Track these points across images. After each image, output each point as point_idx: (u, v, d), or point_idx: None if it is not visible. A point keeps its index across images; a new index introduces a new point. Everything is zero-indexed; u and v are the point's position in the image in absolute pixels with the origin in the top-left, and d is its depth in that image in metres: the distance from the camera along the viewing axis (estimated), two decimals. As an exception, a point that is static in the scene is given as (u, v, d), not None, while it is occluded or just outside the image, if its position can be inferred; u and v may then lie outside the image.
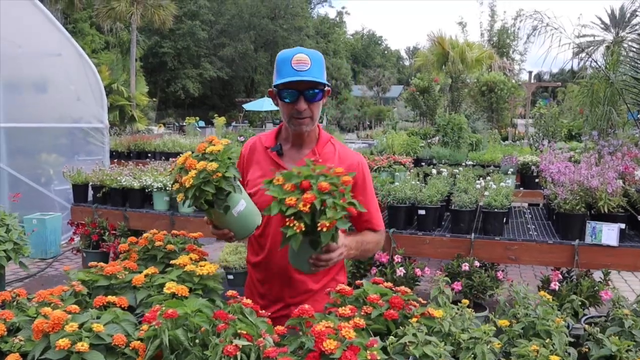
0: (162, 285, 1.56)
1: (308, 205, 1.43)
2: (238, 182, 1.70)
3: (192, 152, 1.73)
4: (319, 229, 1.44)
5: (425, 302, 1.54)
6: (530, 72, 18.02)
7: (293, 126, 1.92)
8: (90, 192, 5.49)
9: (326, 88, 1.93)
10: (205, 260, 1.89)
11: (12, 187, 6.89)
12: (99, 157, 8.00)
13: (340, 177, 1.52)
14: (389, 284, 1.61)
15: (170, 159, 6.64)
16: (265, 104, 29.72)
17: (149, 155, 10.80)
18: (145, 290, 1.62)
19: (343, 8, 55.70)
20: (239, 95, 40.18)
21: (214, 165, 1.60)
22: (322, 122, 30.17)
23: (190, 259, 1.75)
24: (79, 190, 5.47)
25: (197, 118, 18.22)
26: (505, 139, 16.07)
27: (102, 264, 1.76)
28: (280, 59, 1.90)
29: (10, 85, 6.97)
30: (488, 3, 26.30)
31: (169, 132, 22.77)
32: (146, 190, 5.09)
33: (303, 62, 1.85)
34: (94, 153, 8.03)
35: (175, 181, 1.68)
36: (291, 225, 1.45)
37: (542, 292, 1.95)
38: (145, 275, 1.68)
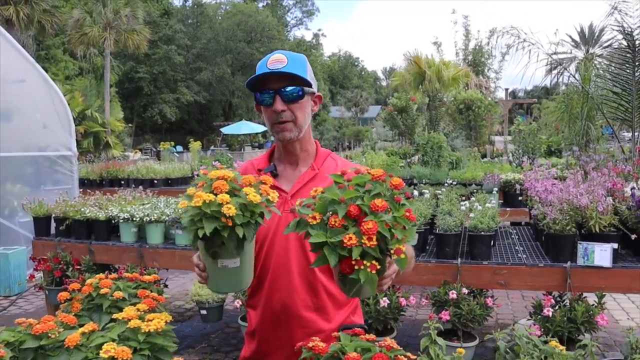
0: (101, 346, 1.30)
1: (374, 238, 1.14)
2: (249, 242, 1.39)
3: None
4: (393, 257, 1.15)
5: (414, 357, 1.28)
6: (506, 90, 18.13)
7: (276, 134, 1.71)
8: (53, 225, 5.15)
9: (312, 90, 1.72)
10: (159, 309, 1.63)
11: (-27, 220, 6.53)
12: (68, 187, 7.66)
13: (387, 182, 1.23)
14: (372, 336, 1.34)
15: (140, 187, 6.34)
16: (243, 128, 29.52)
17: (122, 182, 10.47)
18: (81, 353, 1.35)
19: (319, 30, 56.23)
20: (217, 119, 39.92)
21: (232, 210, 1.26)
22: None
23: (138, 309, 1.48)
24: (41, 223, 5.13)
25: (173, 143, 17.92)
26: (484, 156, 16.04)
27: (30, 320, 1.49)
28: (258, 64, 1.72)
29: (-30, 113, 6.65)
30: (462, 23, 26.60)
31: (146, 158, 22.41)
32: (112, 222, 4.78)
33: (279, 60, 1.66)
34: (62, 182, 7.69)
35: (203, 190, 1.31)
36: (362, 268, 1.13)
37: (552, 343, 1.70)
38: (82, 334, 1.41)
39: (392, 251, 1.16)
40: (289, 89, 1.65)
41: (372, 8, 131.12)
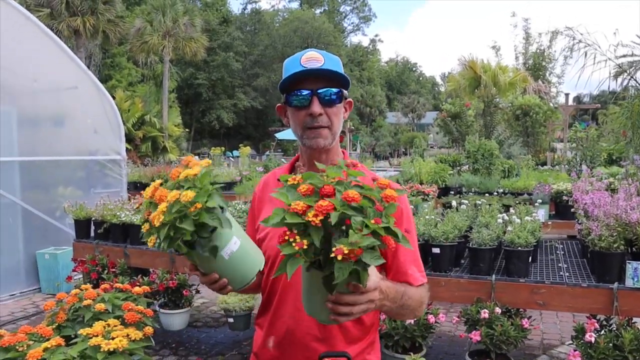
0: (61, 364, 1.23)
1: (320, 217, 0.99)
2: (228, 214, 1.28)
3: (166, 181, 1.36)
4: (332, 255, 0.99)
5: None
6: (567, 94, 17.31)
7: (307, 140, 1.51)
8: (93, 228, 5.27)
9: (346, 95, 1.55)
10: (141, 324, 1.55)
11: (26, 220, 6.80)
12: (117, 190, 7.88)
13: (382, 191, 1.10)
14: None
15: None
16: (296, 133, 29.65)
17: (173, 186, 10.69)
18: (40, 370, 1.29)
19: (376, 36, 56.01)
20: (273, 125, 40.42)
21: (190, 194, 1.18)
22: (355, 150, 29.92)
23: (107, 325, 1.41)
24: (82, 226, 5.26)
25: (224, 148, 18.20)
26: (544, 163, 15.38)
27: (2, 331, 1.44)
28: (287, 61, 1.55)
29: (25, 119, 6.92)
30: (522, 26, 25.73)
31: (202, 162, 22.85)
32: (147, 226, 4.82)
33: (315, 59, 1.49)
34: (111, 185, 7.92)
35: (144, 220, 1.28)
36: (291, 239, 1.01)
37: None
38: (46, 349, 1.35)
39: (333, 248, 0.99)
40: (329, 91, 1.49)
41: (431, 12, 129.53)
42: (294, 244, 1.00)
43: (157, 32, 23.29)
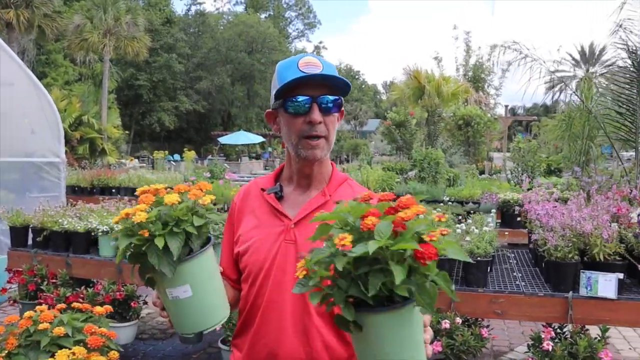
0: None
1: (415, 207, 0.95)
2: (198, 260, 1.19)
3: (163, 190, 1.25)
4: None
5: None
6: (506, 106, 18.03)
7: (303, 151, 1.43)
8: (31, 235, 4.93)
9: (343, 103, 1.47)
10: (105, 349, 1.41)
11: (-48, 226, 6.30)
12: (55, 194, 7.44)
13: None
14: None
15: (127, 197, 6.14)
16: (241, 138, 29.39)
17: (113, 190, 10.28)
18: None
19: (320, 43, 56.26)
20: (215, 129, 39.84)
21: (142, 215, 1.12)
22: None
23: (73, 354, 1.27)
24: (18, 233, 4.90)
25: (167, 152, 17.71)
26: (482, 172, 15.89)
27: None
28: (281, 66, 1.46)
29: (-46, 117, 6.45)
30: (463, 38, 26.57)
31: (142, 166, 22.18)
32: (92, 234, 4.56)
33: (313, 64, 1.41)
34: (48, 189, 7.48)
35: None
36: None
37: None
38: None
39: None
40: (330, 99, 1.41)
41: (374, 22, 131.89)
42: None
43: (97, 30, 22.41)
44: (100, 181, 10.54)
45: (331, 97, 1.42)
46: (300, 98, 1.39)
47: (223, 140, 30.11)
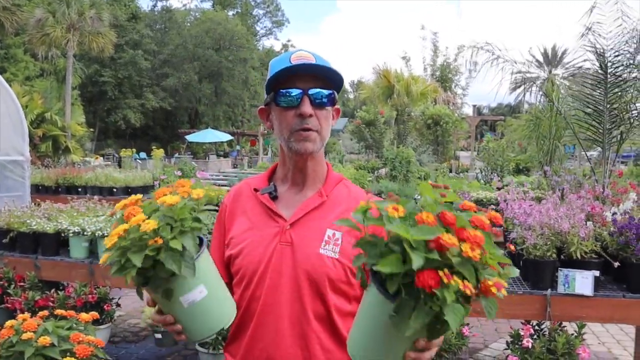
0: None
1: (478, 251, 0.87)
2: (204, 256, 1.15)
3: (146, 198, 1.20)
4: (480, 291, 0.91)
5: None
6: (474, 106, 18.32)
7: (295, 144, 1.39)
8: (-4, 237, 4.73)
9: (336, 98, 1.43)
10: (94, 358, 1.34)
11: None
12: (19, 194, 7.19)
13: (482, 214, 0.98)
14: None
15: (96, 196, 5.97)
16: (208, 136, 29.05)
17: (80, 189, 10.00)
18: None
19: (288, 41, 55.90)
20: (182, 126, 39.24)
21: (152, 224, 1.04)
22: (267, 155, 29.72)
23: (65, 364, 1.20)
24: (-17, 235, 4.71)
25: (134, 150, 17.35)
26: (450, 170, 16.13)
27: None
28: (274, 61, 1.43)
29: None
30: (431, 39, 26.90)
31: (107, 164, 21.67)
32: (62, 235, 4.41)
33: (305, 57, 1.38)
34: (12, 189, 7.22)
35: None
36: (452, 283, 0.85)
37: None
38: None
39: (481, 285, 0.90)
40: (321, 92, 1.38)
41: (342, 21, 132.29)
42: (459, 286, 0.86)
43: (60, 25, 21.74)
44: (65, 180, 10.24)
45: (324, 91, 1.39)
46: (291, 90, 1.37)
47: (190, 138, 29.70)
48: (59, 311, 1.64)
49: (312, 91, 1.37)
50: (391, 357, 0.99)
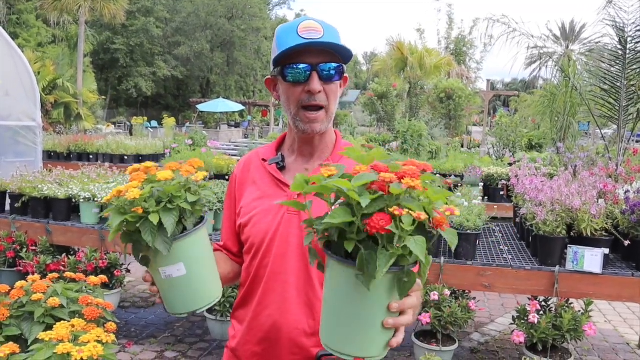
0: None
1: (419, 181, 0.86)
2: (193, 237, 1.17)
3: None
4: (435, 226, 0.89)
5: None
6: (488, 80, 18.02)
7: (302, 124, 1.38)
8: (9, 201, 4.79)
9: (345, 70, 1.40)
10: (102, 320, 1.36)
11: None
12: (31, 159, 7.24)
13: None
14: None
15: (107, 163, 6.00)
16: (220, 106, 28.93)
17: (91, 157, 10.08)
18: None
19: (302, 10, 55.20)
20: (193, 96, 39.14)
21: (135, 193, 1.07)
22: (278, 125, 29.62)
23: (72, 326, 1.21)
24: (-5, 199, 4.77)
25: (146, 118, 17.37)
26: (461, 145, 15.99)
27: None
28: (281, 30, 1.39)
29: None
30: (446, 11, 26.37)
31: (119, 132, 21.75)
32: (73, 201, 4.44)
33: (314, 29, 1.34)
34: (24, 154, 7.26)
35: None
36: (402, 214, 0.83)
37: None
38: (-1, 356, 1.13)
39: (434, 220, 0.88)
40: (330, 66, 1.34)
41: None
42: (409, 216, 0.84)
43: (72, -10, 21.56)
44: (77, 147, 10.32)
45: (333, 65, 1.35)
46: (299, 66, 1.34)
47: (202, 107, 29.62)
48: (68, 274, 1.65)
49: (321, 66, 1.34)
50: (368, 331, 0.96)
